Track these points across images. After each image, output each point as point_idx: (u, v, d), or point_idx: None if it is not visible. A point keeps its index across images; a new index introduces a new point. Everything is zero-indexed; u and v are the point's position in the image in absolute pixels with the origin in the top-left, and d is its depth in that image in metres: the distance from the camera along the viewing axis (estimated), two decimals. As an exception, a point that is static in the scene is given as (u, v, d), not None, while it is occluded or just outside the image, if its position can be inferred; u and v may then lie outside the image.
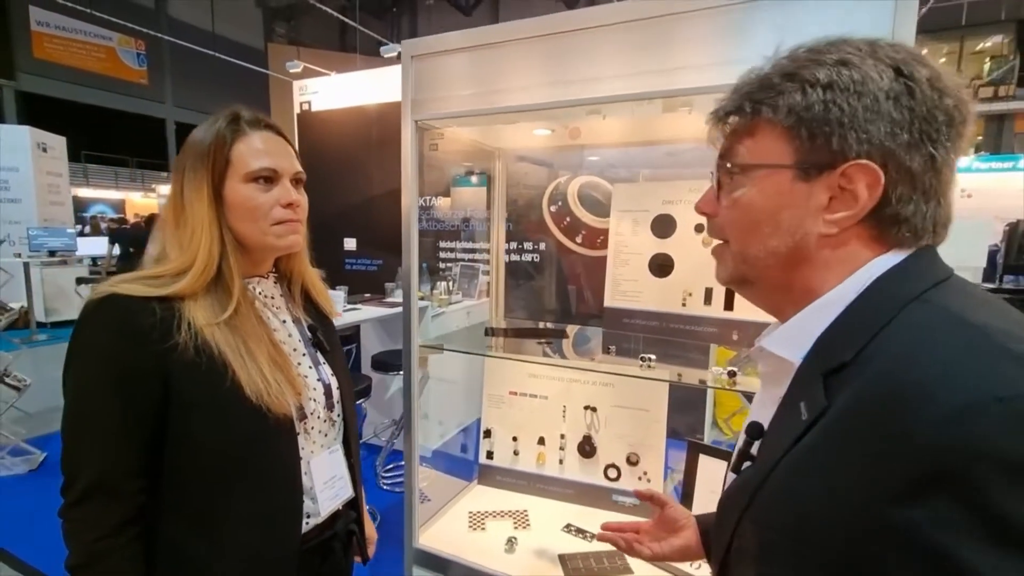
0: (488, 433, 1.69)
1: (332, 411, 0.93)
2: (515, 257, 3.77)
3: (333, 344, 0.98)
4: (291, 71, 4.94)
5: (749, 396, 2.16)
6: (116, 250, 7.10)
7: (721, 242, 0.58)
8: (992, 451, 0.32)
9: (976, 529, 0.31)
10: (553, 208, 3.49)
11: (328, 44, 17.67)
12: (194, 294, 0.77)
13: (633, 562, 1.32)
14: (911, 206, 0.46)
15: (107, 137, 13.83)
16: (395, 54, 4.81)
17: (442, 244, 4.27)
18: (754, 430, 0.53)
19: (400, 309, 3.78)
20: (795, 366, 0.49)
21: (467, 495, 1.65)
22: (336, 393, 0.94)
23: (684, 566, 1.27)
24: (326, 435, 0.92)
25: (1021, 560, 0.31)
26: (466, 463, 1.76)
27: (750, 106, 0.51)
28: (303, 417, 0.86)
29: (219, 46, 11.92)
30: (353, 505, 0.99)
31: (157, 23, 12.41)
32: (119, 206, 14.08)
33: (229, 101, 0.87)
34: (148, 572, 0.78)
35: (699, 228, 1.39)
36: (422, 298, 3.68)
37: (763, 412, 0.53)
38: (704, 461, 1.45)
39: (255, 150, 0.81)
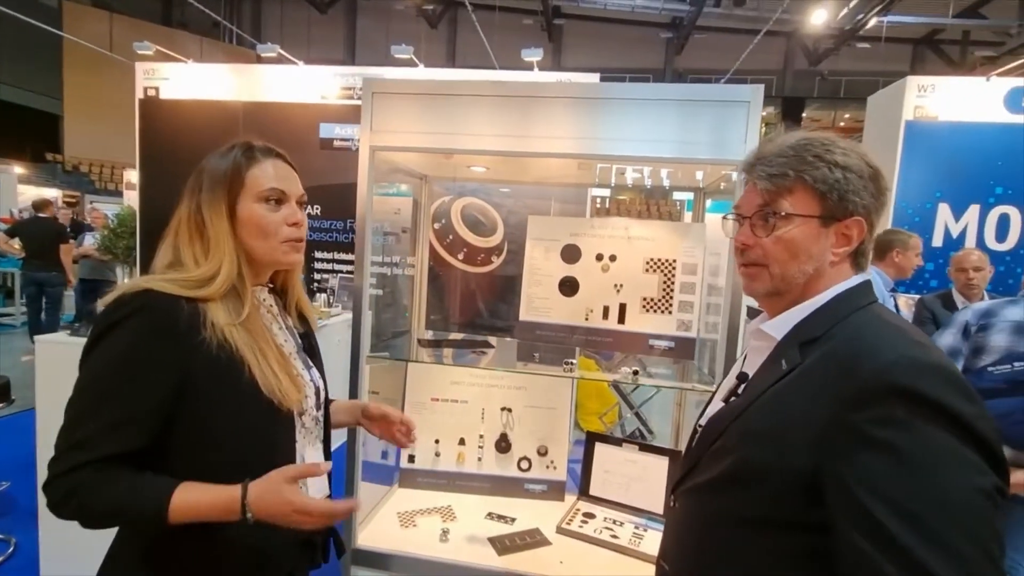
0: (411, 438, 1.81)
1: (319, 411, 1.03)
2: (396, 271, 3.85)
3: (318, 352, 1.08)
4: (140, 52, 4.31)
5: (621, 392, 2.59)
6: None
7: (755, 266, 0.79)
8: (900, 386, 0.60)
9: (887, 424, 0.59)
10: (437, 226, 3.66)
11: (145, 14, 15.36)
12: (215, 299, 0.86)
13: (550, 534, 1.57)
14: (868, 246, 0.79)
15: None
16: (273, 54, 4.50)
17: (318, 255, 4.14)
18: (744, 376, 0.82)
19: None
20: (777, 341, 0.77)
21: (391, 499, 1.75)
22: (322, 395, 1.04)
23: (598, 532, 1.56)
24: (312, 433, 1.01)
25: (901, 437, 0.58)
26: (385, 469, 1.84)
27: (794, 173, 0.74)
28: (301, 413, 0.96)
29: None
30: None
31: None
32: None
33: (2, 61, 0.96)
34: (157, 565, 0.83)
35: (599, 257, 1.72)
36: (300, 310, 3.56)
37: (749, 368, 0.82)
38: (600, 447, 1.78)
39: (267, 174, 0.93)
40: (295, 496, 0.83)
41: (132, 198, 6.18)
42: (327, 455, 1.06)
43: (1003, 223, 4.06)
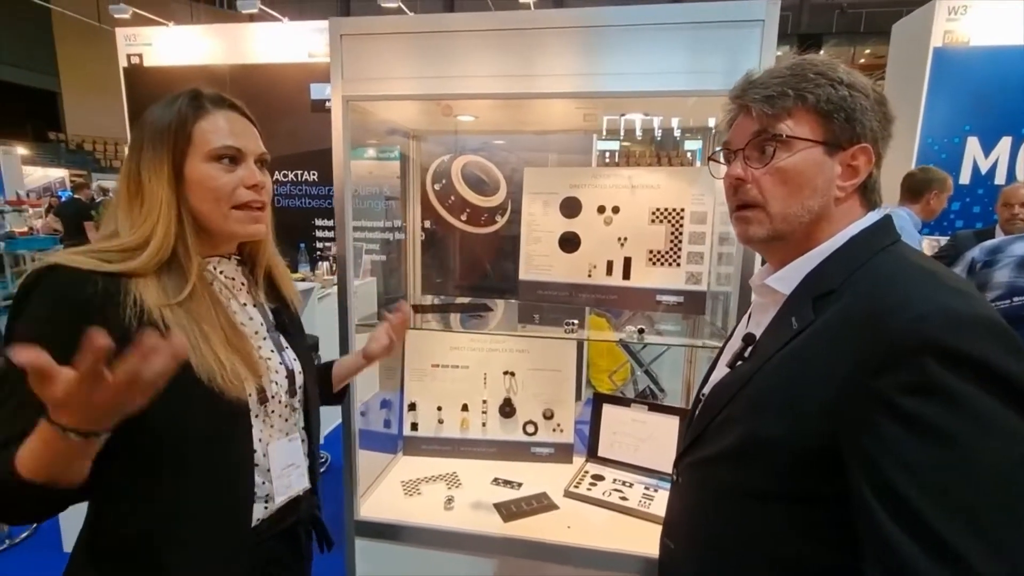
0: (412, 406, 1.76)
1: (294, 397, 0.92)
2: (399, 236, 3.76)
3: (297, 330, 0.98)
4: (116, 16, 4.14)
5: (629, 350, 2.51)
6: None
7: (751, 208, 0.68)
8: (935, 343, 0.50)
9: (917, 391, 0.50)
10: (437, 187, 3.53)
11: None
12: (145, 274, 0.76)
13: (557, 498, 1.53)
14: (877, 180, 0.67)
15: None
16: (254, 10, 4.30)
17: (318, 222, 4.06)
18: (750, 338, 0.71)
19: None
20: (784, 296, 0.68)
21: (394, 467, 1.71)
22: (299, 379, 0.93)
23: (607, 495, 1.51)
24: (287, 420, 0.91)
25: (935, 404, 0.50)
26: (389, 438, 1.81)
27: (794, 92, 0.63)
28: (264, 400, 0.85)
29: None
30: (314, 492, 0.99)
31: None
32: None
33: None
34: (94, 563, 0.77)
35: (601, 209, 1.60)
36: (303, 279, 3.50)
37: (755, 329, 0.72)
38: (607, 408, 1.72)
39: (218, 128, 0.81)
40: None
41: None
42: (313, 445, 0.97)
43: (1037, 156, 3.81)
